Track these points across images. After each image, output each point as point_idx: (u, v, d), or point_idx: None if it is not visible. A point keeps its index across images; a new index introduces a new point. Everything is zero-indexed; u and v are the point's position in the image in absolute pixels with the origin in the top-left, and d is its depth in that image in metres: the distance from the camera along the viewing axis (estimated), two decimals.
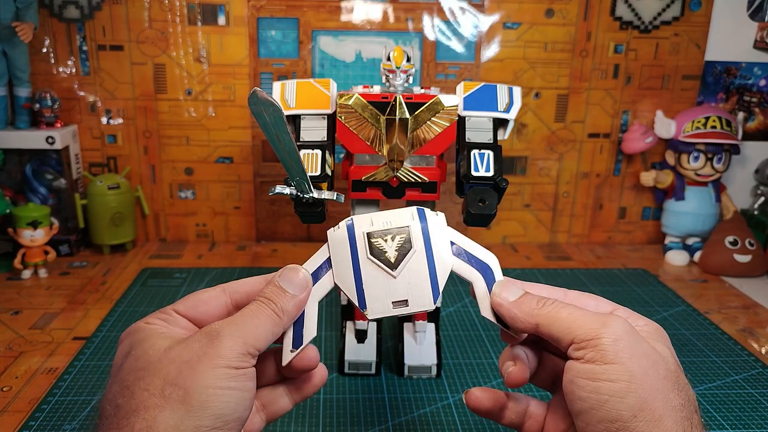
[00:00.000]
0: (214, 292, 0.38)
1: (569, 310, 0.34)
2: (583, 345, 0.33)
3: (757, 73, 0.95)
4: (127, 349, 0.34)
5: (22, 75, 0.84)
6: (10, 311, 0.72)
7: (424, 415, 0.55)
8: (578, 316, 0.34)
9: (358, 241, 0.38)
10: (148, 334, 0.35)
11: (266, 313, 0.36)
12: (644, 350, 0.33)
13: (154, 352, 0.33)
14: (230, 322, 0.34)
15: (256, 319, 0.35)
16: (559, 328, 0.34)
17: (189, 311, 0.38)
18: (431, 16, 0.89)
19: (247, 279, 0.40)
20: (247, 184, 0.94)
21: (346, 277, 0.38)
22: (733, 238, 0.88)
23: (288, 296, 0.37)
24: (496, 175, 0.55)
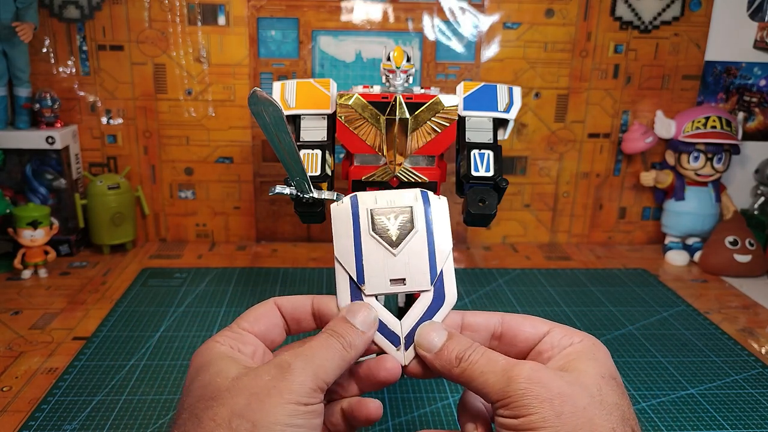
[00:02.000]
0: (268, 306, 0.39)
1: (481, 367, 0.34)
2: (498, 405, 0.33)
3: (757, 73, 0.95)
4: (195, 373, 0.34)
5: (22, 75, 0.84)
6: (10, 311, 0.72)
7: (424, 414, 0.55)
8: (489, 371, 0.34)
9: (361, 217, 0.39)
10: (215, 356, 0.34)
11: (336, 347, 0.35)
12: (558, 388, 0.32)
13: (223, 380, 0.32)
14: (300, 354, 0.34)
15: (326, 351, 0.35)
16: (477, 389, 0.35)
17: (253, 327, 0.38)
18: (431, 16, 0.89)
19: (294, 296, 0.40)
20: (247, 184, 0.94)
21: (347, 251, 0.39)
22: (733, 238, 0.88)
23: (357, 332, 0.37)
24: (496, 175, 0.55)
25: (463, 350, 0.36)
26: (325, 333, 0.36)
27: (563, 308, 0.76)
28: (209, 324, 0.70)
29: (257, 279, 0.82)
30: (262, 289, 0.79)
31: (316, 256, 0.92)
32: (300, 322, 0.39)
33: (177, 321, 0.70)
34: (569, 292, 0.81)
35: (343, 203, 0.39)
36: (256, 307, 0.39)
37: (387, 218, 0.39)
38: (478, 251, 0.95)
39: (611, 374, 0.35)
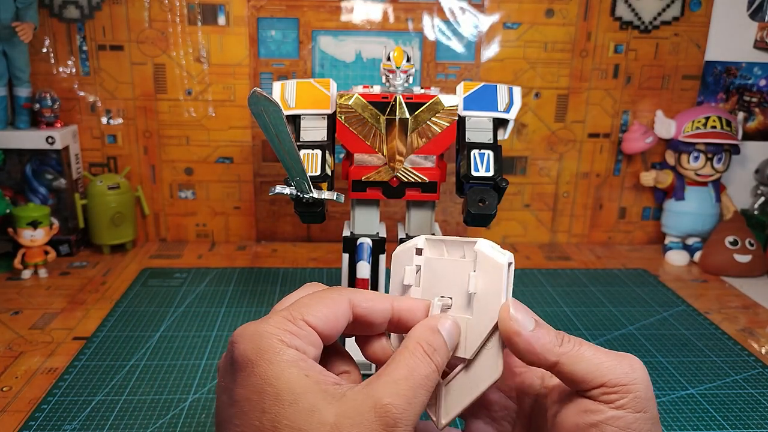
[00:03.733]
0: (342, 303, 0.33)
1: (590, 349, 0.31)
2: (616, 390, 0.30)
3: (757, 73, 0.95)
4: (245, 362, 0.29)
5: (22, 75, 0.84)
6: (10, 311, 0.72)
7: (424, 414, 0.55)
8: (604, 358, 0.31)
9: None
10: (281, 359, 0.29)
11: (432, 377, 0.31)
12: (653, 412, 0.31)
13: (317, 427, 0.28)
14: (405, 401, 0.29)
15: (424, 390, 0.30)
16: (586, 370, 0.31)
17: (319, 324, 0.32)
18: (431, 16, 0.89)
19: (372, 294, 0.34)
20: (247, 184, 0.94)
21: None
22: (733, 238, 0.88)
23: (448, 353, 0.32)
24: (496, 175, 0.55)
25: (561, 334, 0.32)
26: (425, 353, 0.31)
27: (563, 308, 0.76)
28: (209, 324, 0.70)
29: (257, 279, 0.82)
30: (262, 288, 0.79)
31: (316, 256, 0.92)
32: (372, 326, 0.34)
33: (177, 321, 0.70)
34: (569, 292, 0.81)
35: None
36: (324, 299, 0.33)
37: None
38: None
39: None
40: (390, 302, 0.34)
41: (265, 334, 0.30)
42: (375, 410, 0.28)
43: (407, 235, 0.61)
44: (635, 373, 0.31)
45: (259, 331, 0.30)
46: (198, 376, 0.60)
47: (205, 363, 0.62)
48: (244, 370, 0.30)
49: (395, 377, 0.30)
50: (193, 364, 0.62)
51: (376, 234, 0.60)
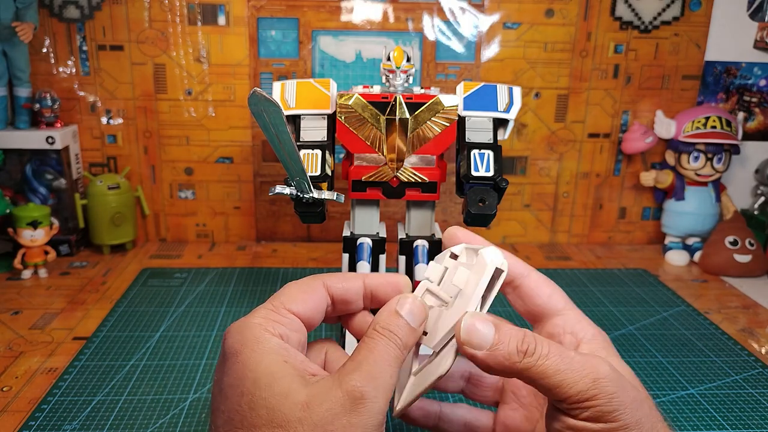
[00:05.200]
0: (317, 287, 0.35)
1: (553, 359, 0.31)
2: (576, 404, 0.31)
3: (757, 73, 0.95)
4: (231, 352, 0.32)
5: (22, 75, 0.84)
6: (10, 311, 0.72)
7: None
8: (566, 369, 0.31)
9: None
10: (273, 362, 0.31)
11: (393, 353, 0.32)
12: (632, 396, 0.31)
13: (292, 408, 0.29)
14: (369, 378, 0.30)
15: (387, 364, 0.31)
16: (548, 385, 0.31)
17: (299, 309, 0.34)
18: (431, 16, 0.89)
19: (344, 275, 0.37)
20: (247, 184, 0.94)
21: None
22: (733, 238, 0.88)
23: (413, 331, 0.34)
24: (496, 175, 0.56)
25: (522, 341, 0.32)
26: (383, 336, 0.32)
27: None
28: (209, 324, 0.70)
29: (257, 279, 0.82)
30: (262, 288, 0.79)
31: (316, 256, 0.92)
32: (349, 304, 0.36)
33: (177, 321, 0.70)
34: (569, 292, 0.80)
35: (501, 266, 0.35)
36: (301, 286, 0.35)
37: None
38: None
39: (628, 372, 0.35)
40: (362, 280, 0.36)
41: (251, 325, 0.32)
42: (341, 388, 0.30)
43: (407, 235, 0.61)
44: (597, 387, 0.31)
45: (246, 323, 0.33)
46: (198, 375, 0.60)
47: (205, 363, 0.62)
48: (230, 360, 0.32)
49: (359, 359, 0.32)
50: (193, 363, 0.62)
51: (376, 234, 0.60)
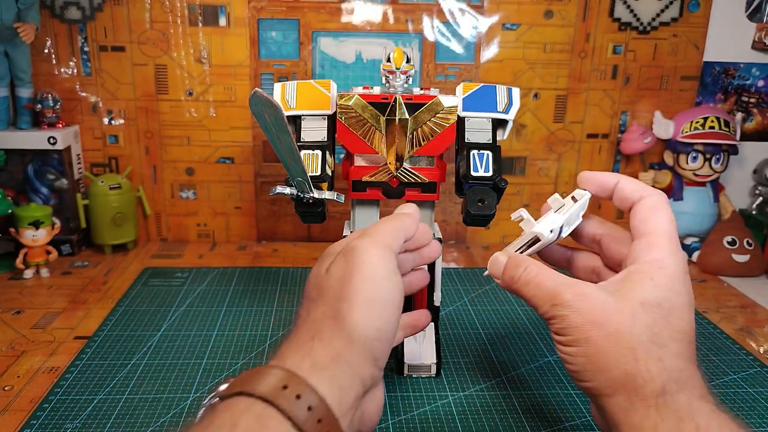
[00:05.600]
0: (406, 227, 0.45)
1: (532, 290, 0.42)
2: (546, 320, 0.41)
3: (755, 73, 0.95)
4: (349, 250, 0.42)
5: (23, 76, 0.85)
6: (11, 311, 0.72)
7: (423, 413, 0.55)
8: (537, 294, 0.42)
9: (555, 240, 0.47)
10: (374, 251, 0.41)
11: (393, 226, 0.44)
12: (591, 315, 0.39)
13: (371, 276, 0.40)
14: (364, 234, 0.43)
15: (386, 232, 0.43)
16: (529, 303, 0.42)
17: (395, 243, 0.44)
18: (431, 18, 0.89)
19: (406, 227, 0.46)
20: (248, 185, 0.95)
21: None
22: (731, 238, 0.88)
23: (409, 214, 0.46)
24: (495, 175, 0.56)
25: (514, 272, 0.44)
26: (388, 218, 0.45)
27: None
28: (210, 323, 0.70)
29: (258, 279, 0.83)
30: (263, 288, 0.80)
31: (317, 255, 0.92)
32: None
33: (178, 320, 0.71)
34: None
35: (554, 234, 0.45)
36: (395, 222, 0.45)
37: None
38: (478, 251, 0.96)
39: (656, 300, 0.38)
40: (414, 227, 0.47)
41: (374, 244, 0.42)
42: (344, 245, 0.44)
43: None
44: (554, 311, 0.40)
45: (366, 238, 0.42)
46: (199, 375, 0.60)
47: (206, 362, 0.62)
48: (345, 254, 0.42)
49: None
50: (194, 363, 0.62)
51: None
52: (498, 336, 0.69)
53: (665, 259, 0.40)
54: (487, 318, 0.73)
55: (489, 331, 0.70)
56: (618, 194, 0.45)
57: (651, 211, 0.43)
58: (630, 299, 0.39)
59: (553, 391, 0.59)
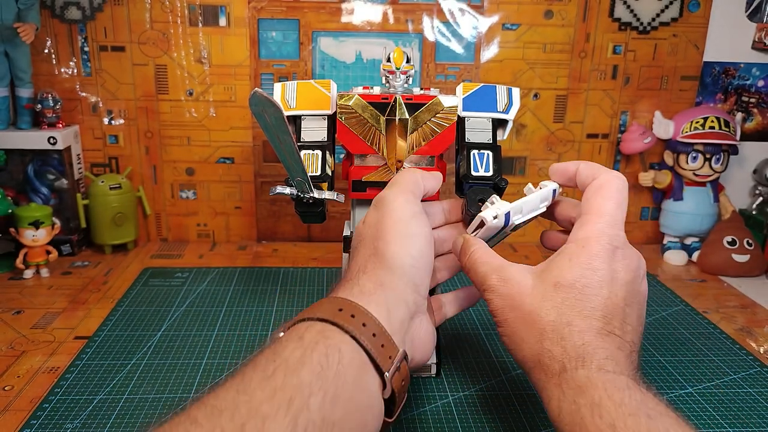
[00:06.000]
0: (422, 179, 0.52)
1: (470, 270, 0.47)
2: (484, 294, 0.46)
3: (755, 73, 0.95)
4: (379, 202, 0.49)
5: (24, 76, 0.85)
6: (12, 311, 0.72)
7: (423, 413, 0.55)
8: (473, 277, 0.47)
9: (507, 226, 0.49)
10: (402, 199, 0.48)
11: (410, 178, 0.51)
12: (509, 299, 0.43)
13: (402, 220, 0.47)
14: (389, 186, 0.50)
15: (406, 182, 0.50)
16: (471, 280, 0.48)
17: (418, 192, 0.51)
18: (431, 18, 0.89)
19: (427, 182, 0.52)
20: (248, 185, 0.95)
21: None
22: (731, 238, 0.88)
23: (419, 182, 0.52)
24: (495, 175, 0.56)
25: (463, 256, 0.48)
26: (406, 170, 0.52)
27: None
28: (210, 323, 0.70)
29: (258, 278, 0.83)
30: (263, 288, 0.80)
31: (317, 255, 0.92)
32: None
33: (178, 320, 0.71)
34: None
35: (497, 219, 0.48)
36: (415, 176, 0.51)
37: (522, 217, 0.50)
38: None
39: (569, 279, 0.42)
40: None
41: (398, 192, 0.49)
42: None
43: None
44: (484, 292, 0.45)
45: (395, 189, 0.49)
46: (199, 375, 0.60)
47: (206, 362, 0.62)
48: (376, 204, 0.49)
49: None
50: (195, 363, 0.62)
51: None
52: (498, 336, 0.69)
53: (590, 238, 0.43)
54: (488, 318, 0.73)
55: (489, 331, 0.70)
56: (578, 179, 0.48)
57: (595, 191, 0.45)
58: (545, 281, 0.42)
59: None
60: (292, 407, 0.32)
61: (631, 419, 0.34)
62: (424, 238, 0.46)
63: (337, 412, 0.34)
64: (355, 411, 0.36)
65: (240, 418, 0.31)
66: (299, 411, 0.32)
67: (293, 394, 0.33)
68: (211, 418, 0.31)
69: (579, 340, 0.40)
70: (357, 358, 0.37)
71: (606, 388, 0.37)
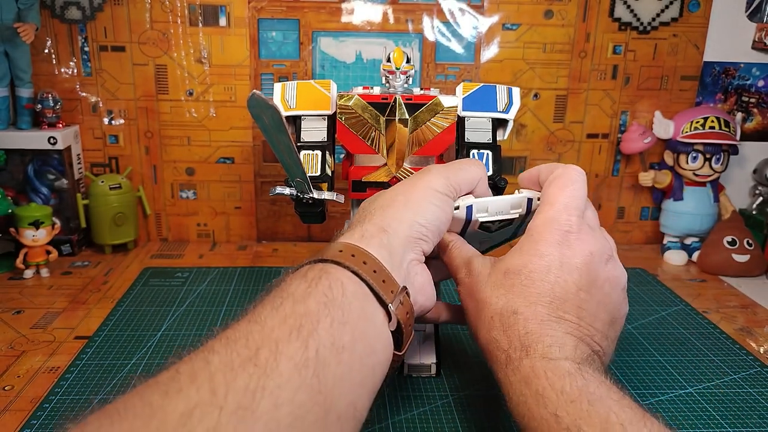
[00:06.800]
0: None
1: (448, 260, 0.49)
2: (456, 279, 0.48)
3: (755, 73, 0.95)
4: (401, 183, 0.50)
5: (24, 76, 0.85)
6: (12, 311, 0.73)
7: (423, 413, 0.55)
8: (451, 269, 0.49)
9: (472, 222, 0.50)
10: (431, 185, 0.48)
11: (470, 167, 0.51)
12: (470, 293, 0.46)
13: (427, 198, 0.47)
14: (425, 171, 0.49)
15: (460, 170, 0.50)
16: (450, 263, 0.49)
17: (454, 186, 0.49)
18: (431, 18, 0.89)
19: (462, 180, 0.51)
20: (248, 185, 0.95)
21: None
22: (731, 238, 0.88)
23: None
24: (495, 174, 0.56)
25: (443, 250, 0.50)
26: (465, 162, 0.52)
27: None
28: (210, 323, 0.70)
29: (258, 278, 0.83)
30: (263, 288, 0.79)
31: None
32: None
33: (178, 320, 0.71)
34: None
35: (459, 210, 0.48)
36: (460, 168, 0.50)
37: (492, 223, 0.50)
38: None
39: (516, 266, 0.43)
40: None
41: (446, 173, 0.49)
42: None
43: None
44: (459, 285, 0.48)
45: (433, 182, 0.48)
46: None
47: None
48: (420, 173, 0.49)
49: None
50: None
51: None
52: None
53: (537, 228, 0.44)
54: None
55: None
56: (540, 179, 0.49)
57: (550, 183, 0.47)
58: (498, 270, 0.44)
59: None
60: (303, 331, 0.34)
61: (572, 406, 0.35)
62: (443, 213, 0.46)
63: (345, 336, 0.35)
64: (363, 337, 0.37)
65: (254, 343, 0.33)
66: (309, 334, 0.34)
67: (302, 321, 0.34)
68: (227, 346, 0.33)
69: (523, 328, 0.41)
70: (360, 291, 0.39)
71: (548, 377, 0.37)
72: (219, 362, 0.32)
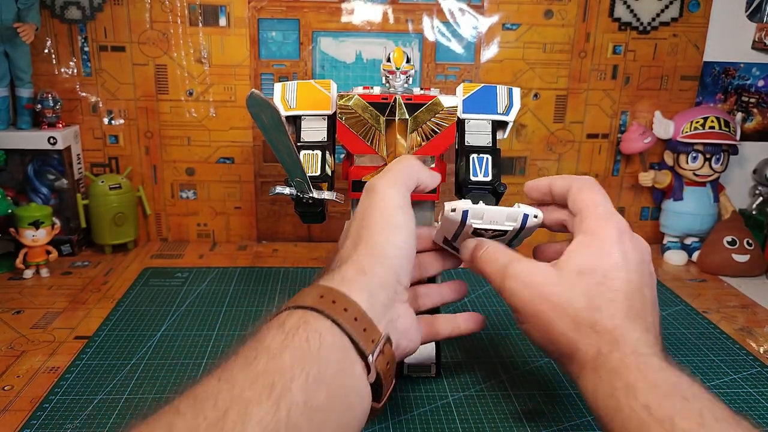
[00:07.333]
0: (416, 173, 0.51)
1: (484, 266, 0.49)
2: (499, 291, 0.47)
3: (755, 73, 0.95)
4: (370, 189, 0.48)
5: (23, 76, 0.85)
6: (11, 311, 0.73)
7: (423, 413, 0.55)
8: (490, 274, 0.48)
9: (466, 227, 0.50)
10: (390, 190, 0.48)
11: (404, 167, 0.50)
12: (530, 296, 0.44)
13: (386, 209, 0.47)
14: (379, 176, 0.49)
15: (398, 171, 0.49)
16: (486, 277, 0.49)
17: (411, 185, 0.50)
18: (431, 18, 0.89)
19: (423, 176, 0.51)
20: (248, 185, 0.95)
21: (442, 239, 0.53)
22: (731, 238, 0.88)
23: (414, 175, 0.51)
24: (495, 180, 0.56)
25: (476, 251, 0.50)
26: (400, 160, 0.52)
27: None
28: (210, 323, 0.70)
29: (258, 278, 0.83)
30: (263, 288, 0.80)
31: (317, 255, 0.92)
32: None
33: (178, 320, 0.71)
34: None
35: (455, 213, 0.49)
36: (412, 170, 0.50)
37: (485, 231, 0.50)
38: None
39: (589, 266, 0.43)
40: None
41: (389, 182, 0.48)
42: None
43: None
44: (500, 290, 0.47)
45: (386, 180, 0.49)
46: (199, 375, 0.60)
47: (206, 362, 0.62)
48: (367, 191, 0.48)
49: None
50: (195, 363, 0.62)
51: None
52: (498, 336, 0.69)
53: (595, 228, 0.45)
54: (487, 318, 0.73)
55: (489, 331, 0.70)
56: (555, 191, 0.50)
57: (579, 192, 0.47)
58: (568, 270, 0.43)
59: (553, 391, 0.59)
60: (275, 391, 0.33)
61: (666, 400, 0.35)
62: (409, 229, 0.46)
63: (320, 394, 0.34)
64: (340, 394, 0.36)
65: (223, 404, 0.31)
66: (281, 394, 0.33)
67: (275, 379, 0.33)
68: (194, 407, 0.31)
69: (610, 324, 0.41)
70: (338, 342, 0.38)
71: (641, 370, 0.37)
72: (183, 427, 0.30)
